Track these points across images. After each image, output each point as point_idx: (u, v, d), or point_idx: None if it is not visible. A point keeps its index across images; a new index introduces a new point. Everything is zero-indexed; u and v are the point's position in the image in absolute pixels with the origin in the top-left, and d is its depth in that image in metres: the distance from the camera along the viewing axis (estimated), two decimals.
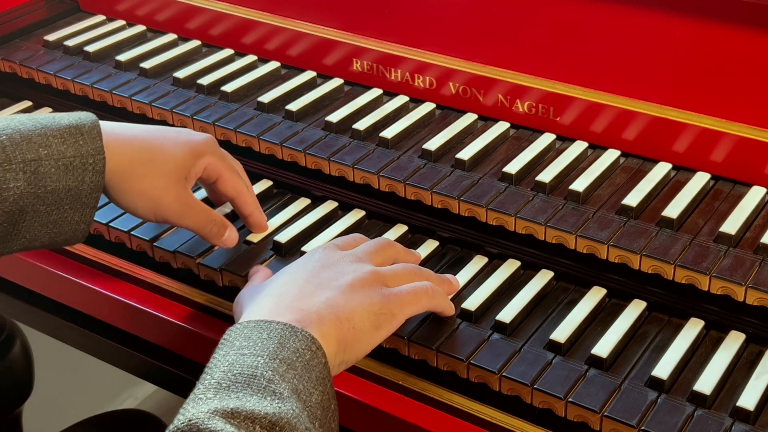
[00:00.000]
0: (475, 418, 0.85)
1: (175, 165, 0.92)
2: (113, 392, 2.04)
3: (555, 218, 0.94)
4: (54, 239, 0.87)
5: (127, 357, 1.08)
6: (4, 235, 0.83)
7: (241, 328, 0.76)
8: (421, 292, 0.85)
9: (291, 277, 0.84)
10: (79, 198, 0.85)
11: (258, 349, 0.73)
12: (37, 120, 0.85)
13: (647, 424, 0.79)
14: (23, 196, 0.82)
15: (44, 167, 0.83)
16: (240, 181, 0.98)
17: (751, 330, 0.88)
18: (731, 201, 0.95)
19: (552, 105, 1.05)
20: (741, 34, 0.95)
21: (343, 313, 0.79)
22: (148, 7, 1.32)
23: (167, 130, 0.95)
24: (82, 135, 0.85)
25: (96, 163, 0.85)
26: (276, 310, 0.78)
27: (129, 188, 0.90)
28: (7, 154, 0.82)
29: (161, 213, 0.92)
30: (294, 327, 0.75)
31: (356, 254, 0.87)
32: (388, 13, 1.14)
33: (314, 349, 0.75)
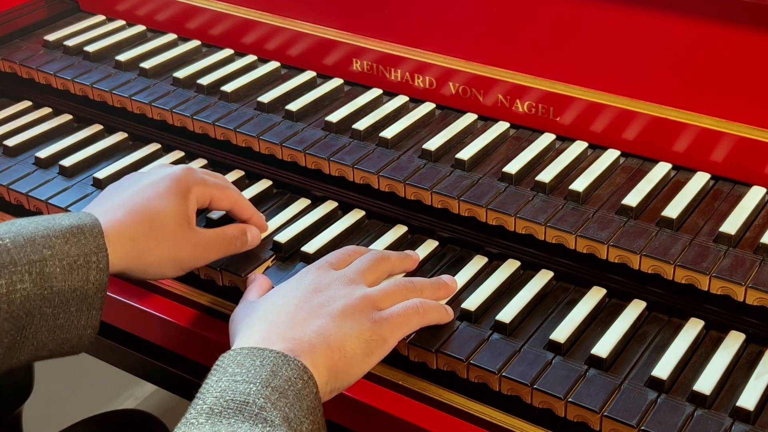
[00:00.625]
0: (475, 418, 0.85)
1: (173, 219, 0.92)
2: (113, 392, 2.04)
3: (555, 218, 0.94)
4: (60, 346, 0.86)
5: (127, 357, 1.08)
6: (12, 344, 0.82)
7: (234, 354, 0.76)
8: (411, 312, 0.86)
9: (284, 300, 0.84)
10: (85, 299, 0.85)
11: (251, 376, 0.73)
12: (38, 222, 0.85)
13: (647, 424, 0.79)
14: (30, 298, 0.82)
15: (49, 267, 0.83)
16: (230, 192, 0.99)
17: (751, 330, 0.88)
18: (731, 201, 0.95)
19: (552, 105, 1.05)
20: (741, 34, 0.95)
21: (334, 342, 0.80)
22: (148, 7, 1.32)
23: (147, 185, 0.94)
24: (83, 234, 0.85)
25: (99, 261, 0.85)
26: (269, 338, 0.79)
27: (146, 265, 0.91)
28: (12, 256, 0.81)
29: (186, 266, 0.94)
30: (287, 356, 0.76)
31: (348, 276, 0.88)
32: (388, 13, 1.14)
33: (306, 378, 0.75)
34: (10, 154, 1.17)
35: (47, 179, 1.12)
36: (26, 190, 1.10)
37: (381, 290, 0.87)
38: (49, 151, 1.16)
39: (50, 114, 1.25)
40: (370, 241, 1.01)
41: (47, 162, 1.15)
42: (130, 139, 1.20)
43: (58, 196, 1.09)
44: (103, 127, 1.22)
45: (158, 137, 1.19)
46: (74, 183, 1.12)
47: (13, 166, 1.15)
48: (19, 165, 1.15)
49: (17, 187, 1.11)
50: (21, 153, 1.17)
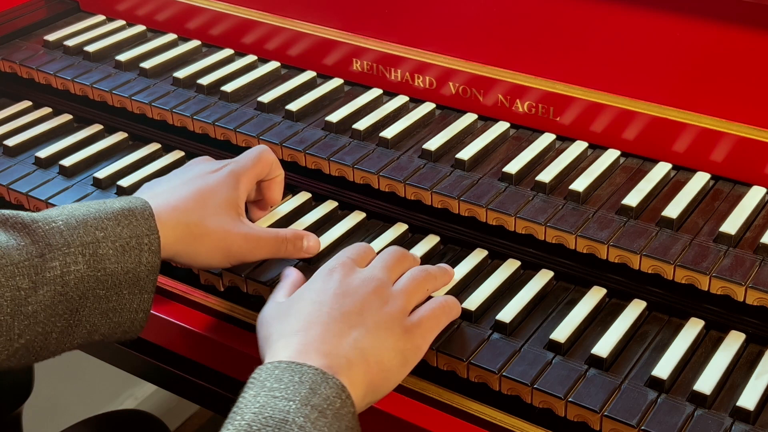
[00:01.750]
0: (475, 418, 0.85)
1: (225, 208, 0.92)
2: (113, 392, 2.04)
3: (555, 218, 0.94)
4: (113, 330, 0.86)
5: (127, 357, 1.08)
6: (65, 327, 0.83)
7: (272, 368, 0.74)
8: (439, 313, 0.86)
9: (315, 308, 0.82)
10: (137, 281, 0.85)
11: (290, 393, 0.71)
12: (88, 206, 0.86)
13: (647, 424, 0.79)
14: (84, 280, 0.82)
15: (102, 249, 0.83)
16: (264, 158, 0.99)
17: (751, 330, 0.88)
18: (731, 201, 0.95)
19: (552, 105, 1.05)
20: (741, 34, 0.95)
21: (372, 356, 0.78)
22: (148, 7, 1.32)
23: (195, 176, 0.95)
24: (135, 216, 0.86)
25: (151, 243, 0.85)
26: (305, 351, 0.77)
27: (197, 252, 0.91)
28: (65, 238, 0.82)
29: (234, 258, 0.93)
30: (325, 373, 0.74)
31: (376, 277, 0.86)
32: (388, 13, 1.14)
33: (344, 397, 0.74)
34: (10, 154, 1.17)
35: (47, 179, 1.12)
36: (26, 190, 1.10)
37: (405, 290, 0.85)
38: (49, 151, 1.16)
39: (50, 114, 1.25)
40: (370, 241, 1.01)
41: (47, 162, 1.15)
42: (130, 139, 1.20)
43: (58, 195, 1.09)
44: (103, 127, 1.22)
45: (158, 137, 1.19)
46: (74, 183, 1.12)
47: (13, 166, 1.15)
48: (19, 165, 1.15)
49: (17, 187, 1.11)
50: (21, 153, 1.18)
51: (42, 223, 0.82)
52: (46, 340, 0.82)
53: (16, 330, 0.80)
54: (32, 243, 0.81)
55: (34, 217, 0.83)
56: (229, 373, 0.98)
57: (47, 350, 0.83)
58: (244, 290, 0.97)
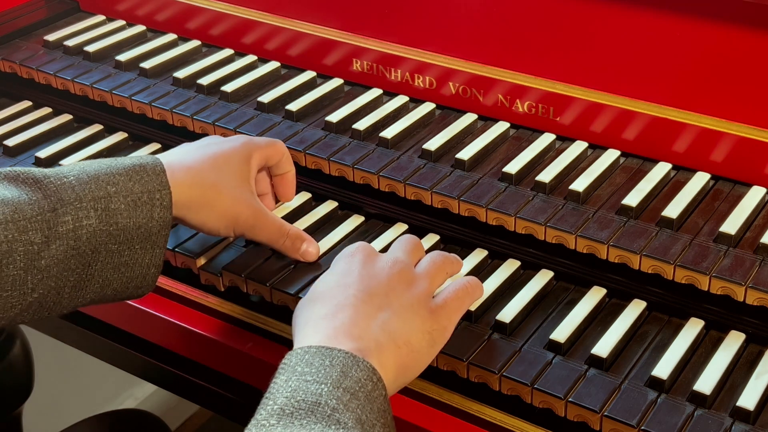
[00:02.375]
0: (475, 418, 0.85)
1: (238, 177, 0.93)
2: (113, 392, 2.04)
3: (555, 218, 0.94)
4: (125, 285, 0.87)
5: (127, 357, 1.08)
6: (78, 282, 0.84)
7: (302, 353, 0.74)
8: (462, 294, 0.86)
9: (342, 291, 0.81)
10: (149, 236, 0.86)
11: (321, 376, 0.71)
12: (100, 163, 0.87)
13: (647, 424, 0.79)
14: (96, 234, 0.83)
15: (114, 203, 0.84)
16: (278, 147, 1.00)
17: (751, 330, 0.88)
18: (731, 201, 0.95)
19: (552, 105, 1.05)
20: (741, 34, 0.95)
21: (401, 338, 0.79)
22: (148, 7, 1.32)
23: (210, 143, 0.96)
24: (146, 172, 0.86)
25: (163, 198, 0.86)
26: (335, 336, 0.77)
27: (208, 214, 0.92)
28: (77, 193, 0.82)
29: (239, 229, 0.94)
30: (356, 356, 0.74)
31: (398, 258, 0.85)
32: (388, 13, 1.14)
33: (375, 380, 0.74)
34: (10, 154, 1.17)
35: None
36: None
37: (428, 273, 0.85)
38: (49, 151, 1.16)
39: (50, 114, 1.25)
40: (370, 241, 1.01)
41: (47, 162, 1.15)
42: (130, 139, 1.20)
43: None
44: (103, 127, 1.22)
45: (158, 137, 1.19)
46: None
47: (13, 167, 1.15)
48: (18, 165, 1.15)
49: None
50: (21, 153, 1.18)
51: (54, 179, 0.83)
52: (58, 294, 0.83)
53: (30, 284, 0.80)
54: (44, 198, 0.82)
55: (45, 172, 0.84)
56: (229, 373, 0.98)
57: (60, 305, 0.84)
58: (244, 290, 0.97)
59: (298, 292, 0.93)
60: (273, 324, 0.95)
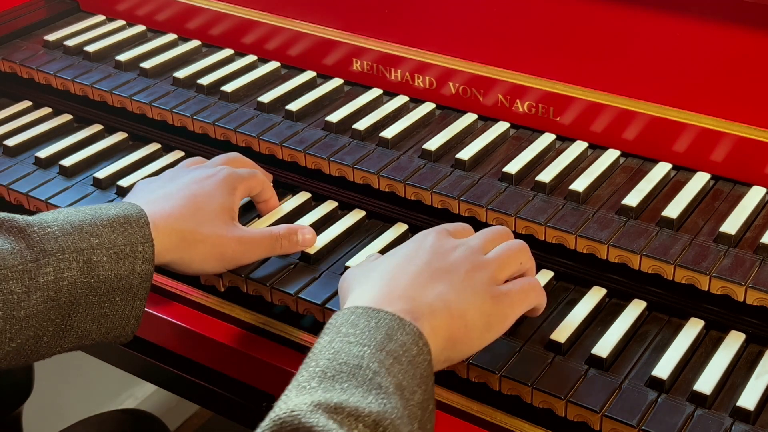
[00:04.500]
0: (475, 418, 0.85)
1: (219, 214, 0.93)
2: (113, 392, 2.04)
3: (555, 218, 0.94)
4: (104, 335, 0.86)
5: (127, 357, 1.08)
6: (57, 332, 0.83)
7: (348, 314, 0.74)
8: (529, 289, 0.83)
9: (403, 261, 0.81)
10: (130, 288, 0.85)
11: (365, 338, 0.71)
12: (84, 212, 0.86)
13: (647, 424, 0.79)
14: (77, 286, 0.82)
15: (96, 256, 0.83)
16: (260, 177, 1.01)
17: (751, 330, 0.88)
18: (731, 201, 0.95)
19: (552, 105, 1.05)
20: (741, 35, 0.95)
21: (456, 310, 0.77)
22: (148, 7, 1.32)
23: (191, 182, 0.95)
24: (130, 224, 0.86)
25: (146, 251, 0.86)
26: (386, 298, 0.76)
27: (191, 259, 0.91)
28: (60, 244, 0.82)
29: (229, 262, 0.94)
30: (402, 319, 0.73)
31: (472, 245, 0.84)
32: (388, 13, 1.14)
33: (421, 344, 0.73)
34: (10, 154, 1.17)
35: (47, 179, 1.12)
36: (26, 190, 1.10)
37: (498, 258, 0.83)
38: (49, 151, 1.16)
39: (50, 114, 1.25)
40: (370, 241, 1.01)
41: (47, 162, 1.15)
42: (130, 139, 1.20)
43: (58, 195, 1.09)
44: (103, 127, 1.22)
45: (158, 137, 1.19)
46: (74, 183, 1.12)
47: (13, 166, 1.15)
48: (19, 165, 1.15)
49: (17, 187, 1.11)
50: (21, 153, 1.18)
51: (37, 228, 0.82)
52: (37, 343, 0.83)
53: (8, 334, 0.80)
54: (27, 248, 0.81)
55: (29, 221, 0.83)
56: (229, 373, 0.98)
57: (38, 353, 0.84)
58: (244, 290, 0.97)
59: (298, 292, 0.93)
60: (273, 324, 0.95)
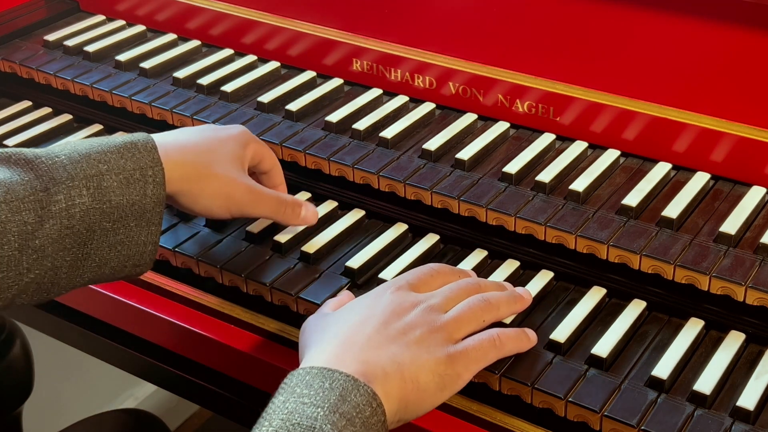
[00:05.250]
0: (475, 418, 0.85)
1: (231, 158, 0.94)
2: (113, 392, 2.04)
3: (555, 218, 0.94)
4: (123, 264, 0.86)
5: (127, 357, 1.08)
6: (74, 261, 0.83)
7: (303, 374, 0.73)
8: (488, 346, 0.82)
9: (360, 319, 0.81)
10: (143, 213, 0.86)
11: (319, 400, 0.71)
12: (90, 142, 0.87)
13: (647, 424, 0.79)
14: (89, 213, 0.83)
15: (106, 181, 0.84)
16: (274, 156, 1.01)
17: (751, 330, 0.88)
18: (731, 201, 0.95)
19: (552, 105, 1.05)
20: (741, 34, 0.95)
21: (408, 373, 0.76)
22: (148, 7, 1.32)
23: (206, 128, 0.97)
24: (137, 149, 0.86)
25: (155, 174, 0.86)
26: (341, 358, 0.76)
27: (200, 193, 0.91)
28: (69, 172, 0.82)
29: (235, 208, 0.94)
30: (357, 380, 0.73)
31: (430, 305, 0.83)
32: (388, 13, 1.14)
33: (374, 405, 0.73)
34: None
35: None
36: None
37: (456, 318, 0.82)
38: None
39: (50, 114, 1.25)
40: (370, 241, 1.01)
41: None
42: None
43: None
44: (103, 127, 1.22)
45: None
46: None
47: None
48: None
49: None
50: None
51: (45, 158, 0.83)
52: (56, 274, 0.83)
53: (25, 264, 0.80)
54: (36, 178, 0.82)
55: (36, 153, 0.84)
56: (229, 373, 0.98)
57: (58, 285, 0.84)
58: (244, 290, 0.97)
59: (298, 292, 0.93)
60: (273, 324, 0.95)
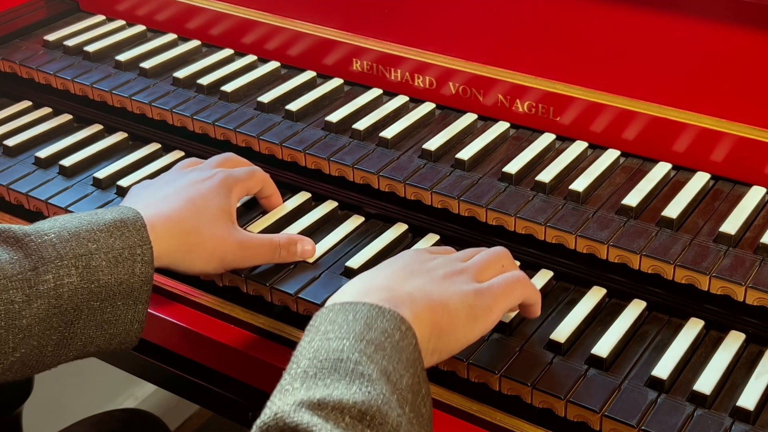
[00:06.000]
0: (475, 418, 0.85)
1: (219, 217, 0.93)
2: (113, 392, 2.04)
3: (555, 218, 0.94)
4: (108, 342, 0.86)
5: (127, 357, 1.08)
6: (60, 340, 0.83)
7: (326, 311, 0.73)
8: (513, 282, 0.83)
9: (383, 267, 0.82)
10: (131, 292, 0.85)
11: (343, 332, 0.70)
12: (80, 218, 0.86)
13: (647, 424, 0.79)
14: (77, 292, 0.82)
15: (95, 261, 0.83)
16: (259, 175, 1.01)
17: (751, 330, 0.88)
18: (731, 201, 0.95)
19: (552, 105, 1.05)
20: (741, 34, 0.95)
21: (437, 298, 0.77)
22: (148, 7, 1.32)
23: (187, 184, 0.95)
24: (127, 227, 0.86)
25: (144, 253, 0.86)
26: (364, 292, 0.76)
27: (192, 261, 0.91)
28: (58, 251, 0.82)
29: (230, 264, 0.94)
30: (381, 307, 0.72)
31: (451, 256, 0.85)
32: (388, 13, 1.14)
33: (404, 329, 0.72)
34: (10, 154, 1.17)
35: (47, 179, 1.12)
36: (26, 190, 1.10)
37: (478, 263, 0.84)
38: (49, 151, 1.16)
39: (50, 114, 1.25)
40: (370, 241, 1.00)
41: (47, 162, 1.15)
42: (130, 139, 1.20)
43: (58, 195, 1.09)
44: (103, 127, 1.22)
45: (158, 137, 1.19)
46: (74, 183, 1.12)
47: (13, 166, 1.15)
48: (19, 165, 1.15)
49: (17, 187, 1.11)
50: (21, 153, 1.17)
51: (34, 236, 0.82)
52: (41, 353, 0.82)
53: (11, 344, 0.80)
54: (25, 256, 0.81)
55: (25, 230, 0.83)
56: (229, 373, 0.98)
57: (43, 363, 0.84)
58: (244, 290, 0.97)
59: (297, 292, 0.93)
60: (273, 324, 0.95)
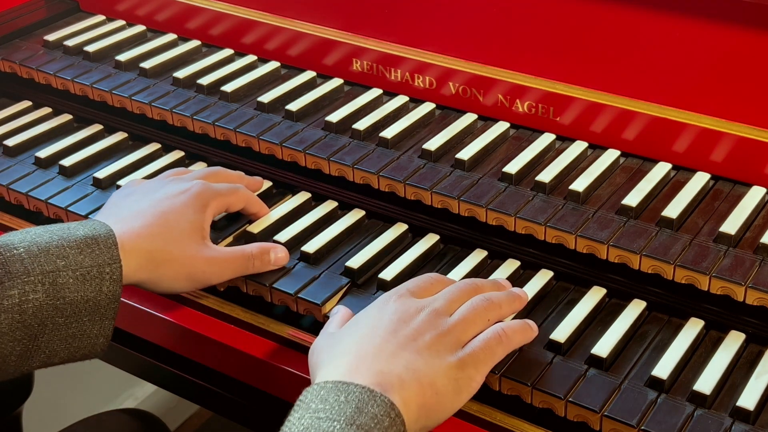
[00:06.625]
0: (475, 418, 0.85)
1: (189, 234, 0.92)
2: (113, 392, 2.04)
3: (555, 218, 0.94)
4: (73, 354, 0.86)
5: (127, 357, 1.08)
6: (24, 352, 0.83)
7: (318, 389, 0.73)
8: (494, 344, 0.81)
9: (368, 331, 0.80)
10: (97, 309, 0.85)
11: (334, 413, 0.70)
12: (52, 232, 0.86)
13: (647, 424, 0.79)
14: (42, 308, 0.82)
15: (62, 278, 0.83)
16: (242, 193, 1.00)
17: (751, 330, 0.88)
18: (731, 201, 0.95)
19: (552, 105, 1.05)
20: (741, 34, 0.95)
21: (425, 378, 0.76)
22: (148, 7, 1.32)
23: (163, 198, 0.94)
24: (98, 245, 0.85)
25: (113, 272, 0.85)
26: (355, 370, 0.75)
27: (159, 279, 0.91)
28: (26, 266, 0.82)
29: (200, 281, 0.93)
30: (373, 391, 0.72)
31: (435, 308, 0.82)
32: (388, 13, 1.14)
33: (393, 416, 0.72)
34: (10, 154, 1.17)
35: (47, 179, 1.12)
36: (26, 190, 1.10)
37: (462, 320, 0.82)
38: (49, 151, 1.16)
39: (50, 114, 1.25)
40: (370, 241, 1.01)
41: (47, 162, 1.15)
42: (130, 139, 1.20)
43: (58, 195, 1.09)
44: (103, 127, 1.22)
45: (158, 137, 1.19)
46: (74, 183, 1.12)
47: (13, 166, 1.15)
48: (19, 165, 1.15)
49: (17, 187, 1.11)
50: (21, 153, 1.18)
51: (3, 250, 0.82)
52: (4, 362, 0.83)
53: None
54: None
55: None
56: (228, 373, 0.98)
57: (5, 372, 0.84)
58: (243, 290, 0.97)
59: (297, 292, 0.93)
60: (273, 324, 0.95)
